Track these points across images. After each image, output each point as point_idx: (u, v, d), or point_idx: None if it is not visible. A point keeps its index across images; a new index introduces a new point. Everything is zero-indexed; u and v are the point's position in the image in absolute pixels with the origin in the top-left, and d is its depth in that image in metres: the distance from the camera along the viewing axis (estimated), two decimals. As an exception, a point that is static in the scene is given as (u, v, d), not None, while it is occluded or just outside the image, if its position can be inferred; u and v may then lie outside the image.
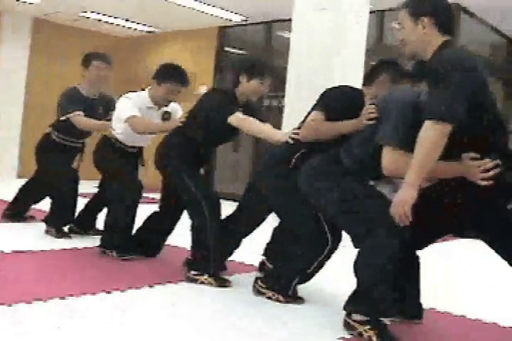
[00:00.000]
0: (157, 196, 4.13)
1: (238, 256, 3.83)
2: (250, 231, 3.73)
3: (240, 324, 2.78)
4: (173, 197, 3.93)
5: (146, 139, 4.37)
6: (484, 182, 2.40)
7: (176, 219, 4.06)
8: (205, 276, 3.50)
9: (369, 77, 3.08)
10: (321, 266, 3.19)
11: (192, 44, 10.31)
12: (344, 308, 2.76)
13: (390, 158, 2.53)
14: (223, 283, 3.49)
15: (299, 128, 3.19)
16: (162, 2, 8.55)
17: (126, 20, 10.00)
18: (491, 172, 2.39)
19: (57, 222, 4.74)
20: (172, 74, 3.98)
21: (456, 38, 2.54)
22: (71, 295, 3.03)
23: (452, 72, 2.29)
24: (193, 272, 3.54)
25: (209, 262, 3.52)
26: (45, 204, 5.18)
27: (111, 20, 10.00)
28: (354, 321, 2.68)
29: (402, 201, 2.39)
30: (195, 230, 3.58)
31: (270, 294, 3.25)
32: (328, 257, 3.16)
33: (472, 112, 2.33)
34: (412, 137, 2.40)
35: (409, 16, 2.51)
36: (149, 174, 4.47)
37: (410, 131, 2.45)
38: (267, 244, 3.81)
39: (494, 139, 2.44)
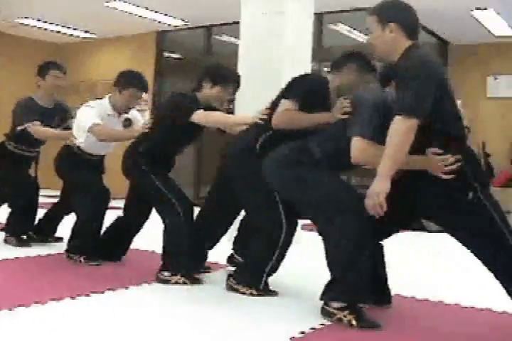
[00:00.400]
0: (115, 203, 4.18)
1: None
2: (225, 231, 3.82)
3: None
4: (138, 201, 4.00)
5: (109, 147, 4.39)
6: (446, 176, 2.61)
7: (141, 223, 4.11)
8: (178, 276, 3.55)
9: (336, 65, 3.24)
10: (282, 254, 3.31)
11: (131, 49, 10.31)
12: (321, 299, 2.90)
13: (358, 147, 2.73)
14: (196, 283, 3.57)
15: (269, 108, 3.28)
16: (100, 8, 8.54)
17: (68, 27, 9.95)
18: (453, 166, 2.61)
19: (16, 231, 4.73)
20: (132, 81, 4.05)
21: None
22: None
23: (418, 72, 2.53)
24: (165, 273, 3.59)
25: (182, 261, 3.59)
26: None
27: (48, 26, 9.89)
28: (333, 308, 2.83)
29: (376, 192, 2.57)
30: (169, 229, 3.64)
31: (244, 289, 3.34)
32: (287, 243, 3.29)
33: (436, 108, 2.55)
34: (380, 129, 2.61)
35: (377, 22, 2.73)
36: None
37: (378, 124, 2.67)
38: (235, 237, 3.92)
39: (455, 134, 2.67)
